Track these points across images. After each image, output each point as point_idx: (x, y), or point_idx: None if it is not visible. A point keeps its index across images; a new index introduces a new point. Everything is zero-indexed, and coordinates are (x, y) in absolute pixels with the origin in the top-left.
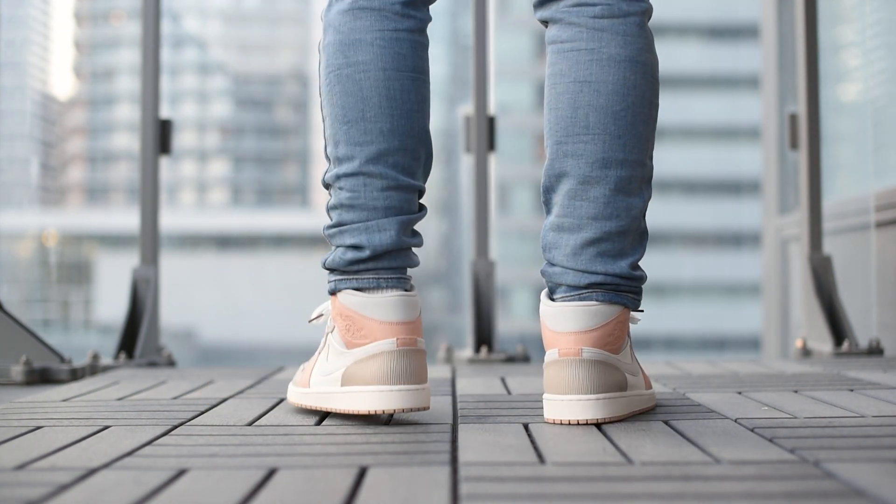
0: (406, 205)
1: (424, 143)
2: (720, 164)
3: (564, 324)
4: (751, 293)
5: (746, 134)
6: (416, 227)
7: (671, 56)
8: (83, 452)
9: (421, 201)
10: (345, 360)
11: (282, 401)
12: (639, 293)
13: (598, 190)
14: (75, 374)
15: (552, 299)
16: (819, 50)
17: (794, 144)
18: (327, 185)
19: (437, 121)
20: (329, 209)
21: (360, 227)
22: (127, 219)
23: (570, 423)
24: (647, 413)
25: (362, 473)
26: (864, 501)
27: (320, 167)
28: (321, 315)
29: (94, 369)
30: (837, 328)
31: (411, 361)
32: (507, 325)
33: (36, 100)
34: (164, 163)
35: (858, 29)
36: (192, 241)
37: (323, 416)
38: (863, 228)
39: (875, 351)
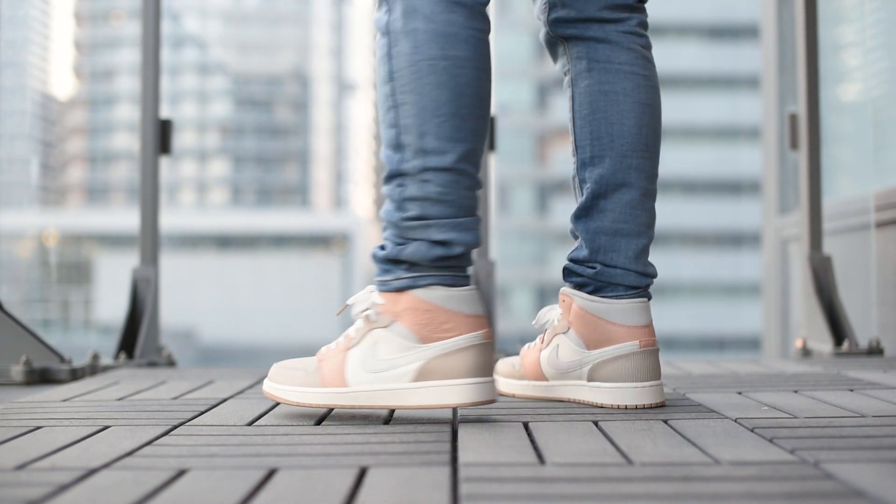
0: (477, 205)
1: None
2: (720, 164)
3: (639, 318)
4: (751, 293)
5: (746, 134)
6: None
7: (671, 56)
8: (83, 452)
9: None
10: (421, 353)
11: None
12: None
13: (651, 202)
14: (75, 374)
15: (600, 296)
16: (819, 50)
17: (794, 144)
18: (400, 175)
19: None
20: (405, 199)
21: (450, 223)
22: (127, 219)
23: (643, 408)
24: (647, 413)
25: (362, 473)
26: (864, 501)
27: (320, 167)
28: (349, 306)
29: (94, 369)
30: (837, 328)
31: (490, 354)
32: (507, 325)
33: (36, 100)
34: (164, 163)
35: (858, 29)
36: (192, 241)
37: (323, 416)
38: (863, 228)
39: (875, 351)
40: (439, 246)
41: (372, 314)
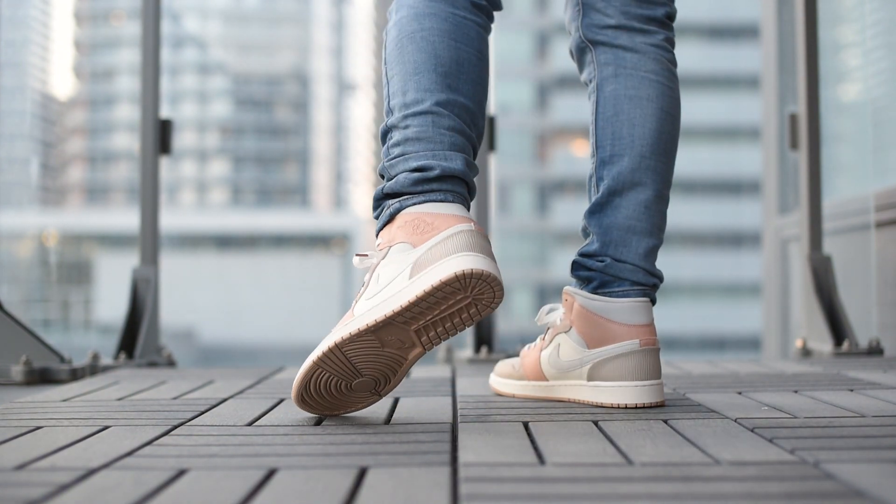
0: (467, 149)
1: (481, 116)
2: (720, 164)
3: (640, 317)
4: (751, 293)
5: (746, 134)
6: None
7: None
8: (83, 452)
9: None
10: (413, 255)
11: (282, 401)
12: None
13: (664, 206)
14: (75, 374)
15: (606, 292)
16: (819, 50)
17: (794, 144)
18: (388, 130)
19: None
20: (390, 147)
21: (427, 153)
22: (127, 219)
23: (643, 407)
24: (647, 413)
25: (362, 473)
26: (864, 501)
27: (320, 167)
28: (364, 256)
29: (94, 369)
30: (837, 328)
31: (483, 240)
32: (506, 325)
33: (36, 100)
34: (164, 163)
35: (858, 29)
36: (192, 241)
37: (323, 416)
38: (863, 228)
39: (875, 351)
40: (417, 172)
41: (374, 263)
